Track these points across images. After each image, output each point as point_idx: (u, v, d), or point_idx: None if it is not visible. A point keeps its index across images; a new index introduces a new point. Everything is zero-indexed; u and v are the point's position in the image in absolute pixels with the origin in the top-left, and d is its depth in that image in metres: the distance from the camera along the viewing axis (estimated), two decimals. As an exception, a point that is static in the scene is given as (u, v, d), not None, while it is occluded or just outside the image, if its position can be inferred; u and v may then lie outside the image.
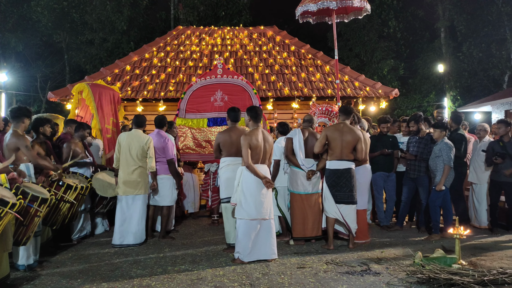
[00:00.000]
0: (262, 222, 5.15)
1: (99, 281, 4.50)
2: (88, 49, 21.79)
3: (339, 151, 5.65)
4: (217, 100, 7.81)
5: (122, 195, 6.13)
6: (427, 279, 4.21)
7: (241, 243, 5.09)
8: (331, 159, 5.71)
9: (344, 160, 5.67)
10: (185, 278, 4.53)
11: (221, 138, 5.64)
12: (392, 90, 10.89)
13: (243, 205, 5.12)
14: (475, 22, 20.56)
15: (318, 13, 8.35)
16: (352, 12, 8.33)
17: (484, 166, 6.98)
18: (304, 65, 11.55)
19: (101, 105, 7.98)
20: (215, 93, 7.84)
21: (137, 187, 6.14)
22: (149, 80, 10.66)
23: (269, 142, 5.33)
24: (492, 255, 5.31)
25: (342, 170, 5.66)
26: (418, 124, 6.88)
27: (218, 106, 7.78)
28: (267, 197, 5.20)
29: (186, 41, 12.28)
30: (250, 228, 5.10)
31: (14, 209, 3.77)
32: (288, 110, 10.86)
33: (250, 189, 5.11)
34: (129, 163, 6.10)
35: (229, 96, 7.85)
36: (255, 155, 5.16)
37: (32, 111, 5.38)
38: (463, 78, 21.44)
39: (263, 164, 5.27)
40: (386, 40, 22.92)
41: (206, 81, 7.93)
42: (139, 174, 6.15)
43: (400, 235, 6.60)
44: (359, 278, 4.44)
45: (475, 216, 7.16)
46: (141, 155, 6.14)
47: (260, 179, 5.09)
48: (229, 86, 7.97)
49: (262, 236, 5.14)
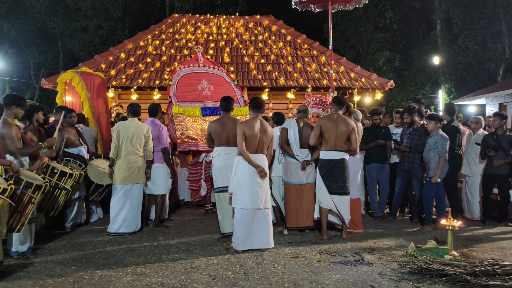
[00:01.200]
0: (257, 211, 5.16)
1: (93, 268, 4.50)
2: (82, 36, 21.57)
3: (333, 142, 5.67)
4: (204, 89, 7.77)
5: (120, 184, 6.09)
6: (419, 269, 4.25)
7: (236, 232, 5.14)
8: (325, 149, 5.72)
9: (338, 151, 5.69)
10: (179, 267, 4.54)
11: (212, 128, 5.63)
12: (387, 81, 10.91)
13: (238, 195, 5.14)
14: (471, 14, 20.55)
15: (316, 2, 8.28)
16: (353, 1, 8.27)
17: (477, 158, 7.02)
18: (300, 55, 11.52)
19: (93, 93, 7.95)
20: (201, 82, 7.80)
21: (136, 176, 6.13)
22: (144, 68, 10.60)
23: (267, 133, 5.30)
24: (483, 247, 5.37)
25: (336, 160, 5.67)
26: (412, 115, 6.89)
27: (207, 95, 7.73)
28: (263, 187, 5.20)
29: (181, 29, 12.20)
30: (244, 217, 5.11)
31: (5, 195, 3.75)
32: (284, 100, 10.85)
33: (245, 178, 5.12)
34: (129, 152, 6.06)
35: (215, 86, 7.83)
36: (250, 144, 5.16)
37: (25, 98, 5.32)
38: (458, 71, 21.49)
39: (260, 154, 5.26)
40: (382, 31, 22.89)
41: (190, 68, 7.87)
42: (138, 163, 6.13)
43: (393, 226, 6.65)
44: (352, 268, 4.47)
45: (467, 208, 7.22)
46: (141, 144, 6.12)
47: (254, 168, 5.10)
48: (212, 76, 7.96)
49: (256, 225, 5.15)
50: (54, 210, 5.38)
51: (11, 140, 4.79)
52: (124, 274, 4.31)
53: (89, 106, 7.84)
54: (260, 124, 5.27)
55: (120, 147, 6.07)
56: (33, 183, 4.44)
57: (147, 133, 6.16)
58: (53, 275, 4.30)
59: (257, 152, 5.23)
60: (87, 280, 4.16)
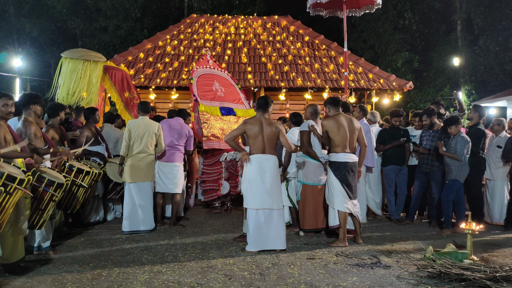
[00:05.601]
0: (267, 212, 5.15)
1: (111, 266, 4.56)
2: (102, 36, 21.84)
3: (345, 143, 5.52)
4: (218, 90, 7.87)
5: (131, 182, 6.15)
6: (438, 273, 4.19)
7: (248, 232, 5.19)
8: (337, 151, 5.54)
9: (351, 153, 5.57)
10: (195, 266, 4.57)
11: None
12: (406, 82, 10.79)
13: (248, 195, 5.18)
14: (493, 15, 20.17)
15: (330, 6, 8.32)
16: (364, 6, 8.28)
17: (498, 162, 6.89)
18: (318, 56, 11.48)
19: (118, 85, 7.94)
20: (214, 83, 7.90)
21: (146, 174, 6.19)
22: (162, 68, 10.68)
23: (271, 132, 5.19)
24: (504, 252, 5.27)
25: (351, 163, 5.56)
26: (431, 118, 6.81)
27: (221, 96, 7.83)
28: (273, 187, 5.17)
29: (199, 30, 12.26)
30: (253, 217, 5.14)
31: (22, 185, 3.82)
32: (301, 101, 10.81)
33: (253, 179, 5.15)
34: (140, 150, 6.13)
35: (224, 88, 7.94)
36: (254, 143, 5.20)
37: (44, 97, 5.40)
38: (479, 72, 21.11)
39: (268, 154, 5.21)
40: (401, 32, 22.61)
41: (204, 70, 7.97)
42: (148, 161, 6.19)
43: (410, 229, 6.57)
44: (369, 271, 4.44)
45: (487, 212, 7.09)
46: (151, 142, 6.18)
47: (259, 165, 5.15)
48: (221, 78, 8.13)
49: (268, 226, 5.14)
50: (72, 207, 5.46)
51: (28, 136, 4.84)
52: (141, 272, 4.35)
53: (116, 94, 7.80)
54: (263, 123, 5.22)
55: (132, 145, 6.13)
56: (55, 181, 4.52)
57: (158, 131, 6.22)
58: (72, 271, 4.37)
59: (264, 152, 5.21)
60: (105, 277, 4.21)
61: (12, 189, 3.74)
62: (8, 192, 3.71)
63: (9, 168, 3.87)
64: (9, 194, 3.73)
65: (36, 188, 4.42)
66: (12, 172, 3.80)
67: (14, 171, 3.88)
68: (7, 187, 3.70)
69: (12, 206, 3.86)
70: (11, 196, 3.76)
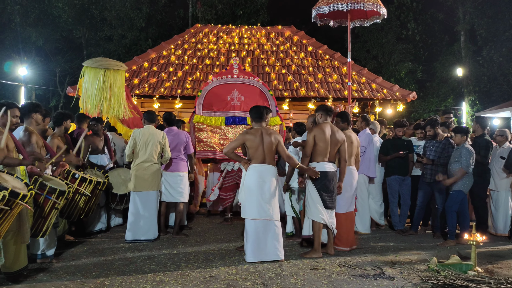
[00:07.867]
0: (265, 222, 5.13)
1: (114, 275, 4.55)
2: (106, 45, 22.02)
3: (326, 153, 5.44)
4: (233, 99, 7.82)
5: (135, 191, 6.16)
6: (442, 285, 4.17)
7: (246, 243, 5.18)
8: (318, 160, 5.44)
9: (331, 162, 5.51)
10: (198, 276, 4.56)
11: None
12: (409, 93, 10.81)
13: (246, 205, 5.17)
14: (496, 26, 20.22)
15: (336, 17, 8.37)
16: (372, 17, 8.32)
17: (502, 172, 6.86)
18: (321, 66, 11.52)
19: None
20: (232, 92, 7.86)
21: (151, 184, 6.18)
22: (166, 77, 10.74)
23: (270, 142, 5.17)
24: (509, 263, 5.23)
25: (331, 173, 5.46)
26: (435, 128, 6.81)
27: (234, 105, 7.80)
28: (271, 198, 5.16)
29: (203, 39, 12.34)
30: (251, 227, 5.12)
31: (24, 200, 3.80)
32: (304, 111, 10.84)
33: (251, 189, 5.13)
34: (145, 160, 6.14)
35: (246, 97, 7.86)
36: (254, 154, 5.16)
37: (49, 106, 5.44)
38: (482, 83, 21.11)
39: (267, 165, 5.19)
40: (405, 42, 22.69)
41: (223, 80, 7.94)
42: (153, 170, 6.19)
43: (414, 240, 6.54)
44: (373, 282, 4.41)
45: (491, 223, 7.05)
46: (156, 151, 6.19)
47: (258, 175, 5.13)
48: (245, 86, 7.96)
49: (264, 236, 5.12)
50: (74, 216, 5.46)
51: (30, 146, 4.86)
52: (144, 282, 4.34)
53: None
54: (263, 133, 5.19)
55: (137, 154, 6.14)
56: (57, 189, 4.53)
57: (162, 140, 6.20)
58: (75, 280, 4.36)
59: (264, 162, 5.19)
60: (108, 286, 4.20)
61: (14, 204, 3.71)
62: (10, 207, 3.69)
63: (12, 182, 3.82)
64: (11, 209, 3.72)
65: (37, 197, 4.43)
66: (16, 187, 3.76)
67: (18, 185, 3.83)
68: (9, 202, 3.64)
69: (13, 217, 3.85)
70: (12, 210, 3.74)
